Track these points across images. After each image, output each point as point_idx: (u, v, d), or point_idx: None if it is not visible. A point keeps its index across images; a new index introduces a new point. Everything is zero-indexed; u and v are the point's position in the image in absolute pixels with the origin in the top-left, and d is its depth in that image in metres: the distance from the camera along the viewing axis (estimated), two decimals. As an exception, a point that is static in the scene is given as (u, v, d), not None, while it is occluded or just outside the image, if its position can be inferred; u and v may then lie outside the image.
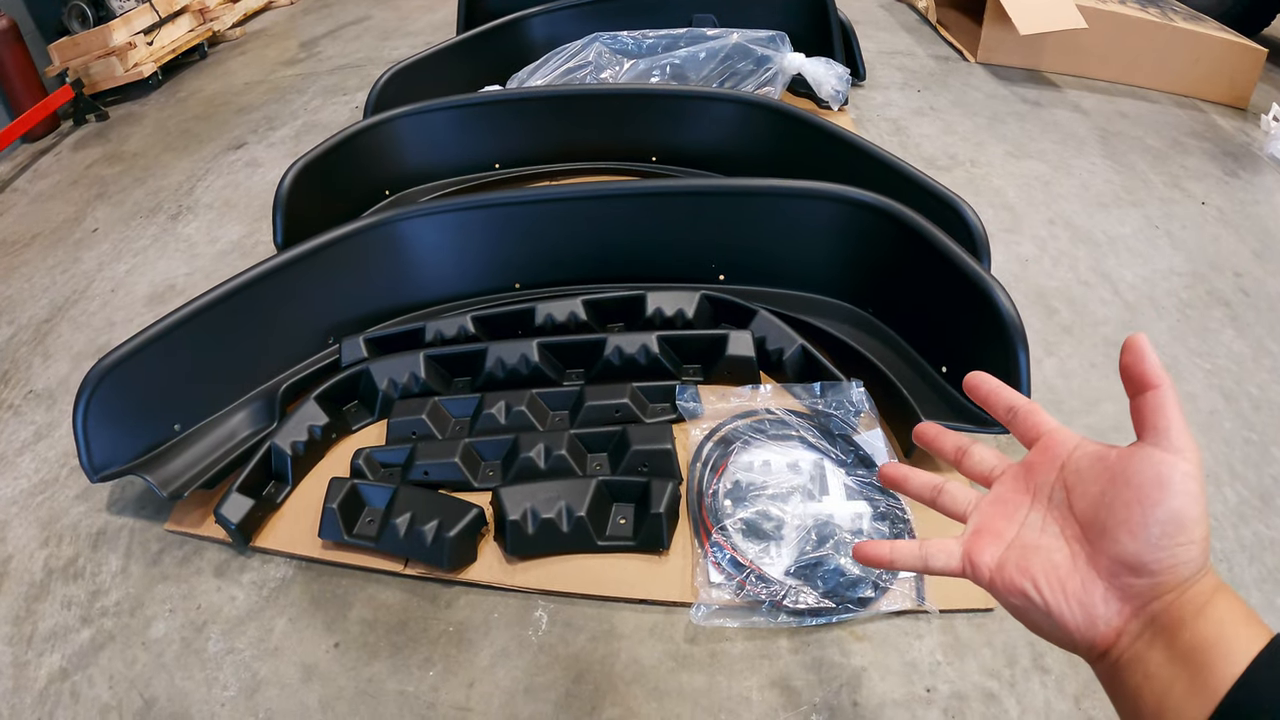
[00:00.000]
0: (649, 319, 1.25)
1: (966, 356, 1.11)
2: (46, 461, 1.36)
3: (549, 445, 1.09)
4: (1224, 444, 1.28)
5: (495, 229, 1.33)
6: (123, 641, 1.06)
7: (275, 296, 1.28)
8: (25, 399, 1.54)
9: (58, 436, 1.42)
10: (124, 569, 1.15)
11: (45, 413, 1.48)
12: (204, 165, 2.33)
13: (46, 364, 1.62)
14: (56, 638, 1.07)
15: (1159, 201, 1.95)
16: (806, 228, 1.25)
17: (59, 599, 1.13)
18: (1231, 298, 1.64)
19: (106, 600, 1.11)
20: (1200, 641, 0.40)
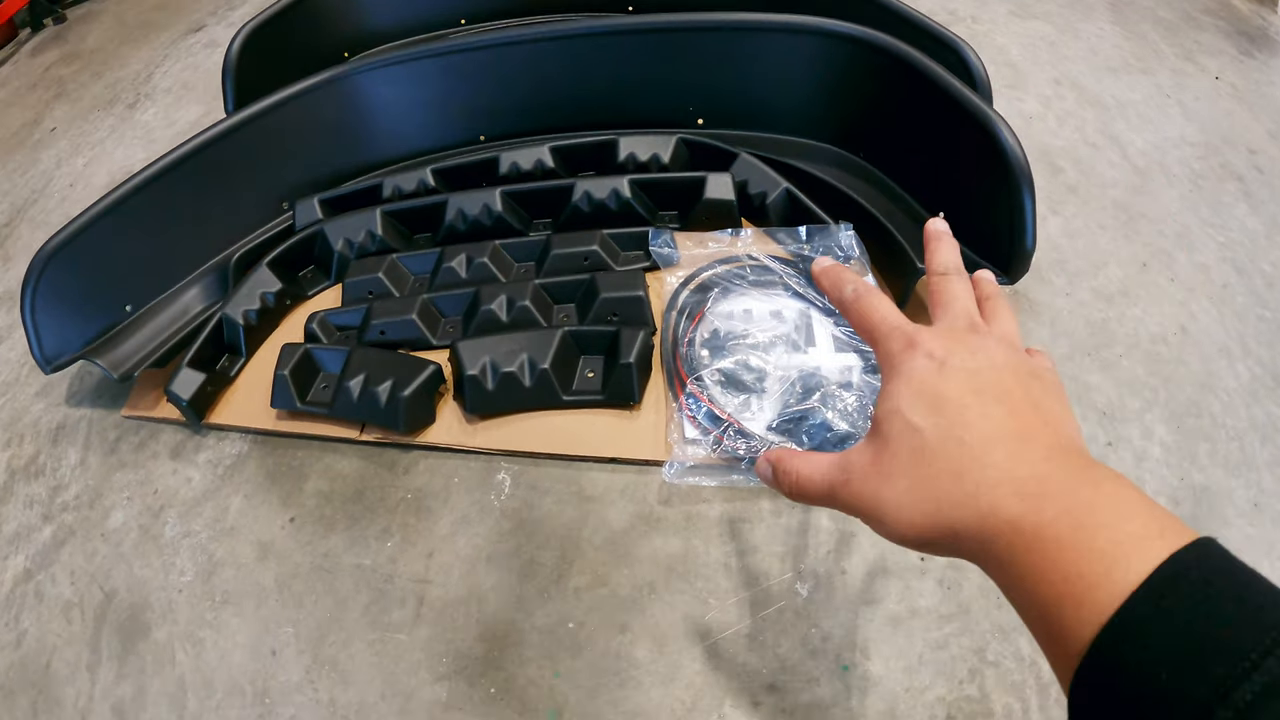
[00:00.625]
0: (621, 164, 1.12)
1: (965, 200, 0.98)
2: (7, 363, 1.27)
3: (512, 296, 0.98)
4: (1237, 319, 1.16)
5: (456, 77, 1.18)
6: (83, 535, 1.00)
7: (225, 163, 1.15)
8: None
9: (18, 337, 1.32)
10: (82, 461, 1.09)
11: (6, 315, 1.39)
12: (162, 52, 2.15)
13: (6, 267, 1.52)
14: (20, 539, 1.02)
15: (1170, 72, 1.77)
16: (791, 65, 1.10)
17: (21, 499, 1.06)
18: (1245, 173, 1.49)
19: (66, 495, 1.05)
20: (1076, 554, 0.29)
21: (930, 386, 0.35)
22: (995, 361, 0.36)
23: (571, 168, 1.16)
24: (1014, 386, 0.35)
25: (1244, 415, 1.02)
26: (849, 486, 0.37)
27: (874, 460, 0.36)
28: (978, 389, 0.35)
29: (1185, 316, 1.15)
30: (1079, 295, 1.16)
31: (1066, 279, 1.18)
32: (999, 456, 0.32)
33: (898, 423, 0.35)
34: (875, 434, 0.37)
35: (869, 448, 0.37)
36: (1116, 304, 1.15)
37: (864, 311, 0.41)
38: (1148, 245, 1.27)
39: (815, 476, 0.39)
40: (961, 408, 0.34)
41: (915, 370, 0.36)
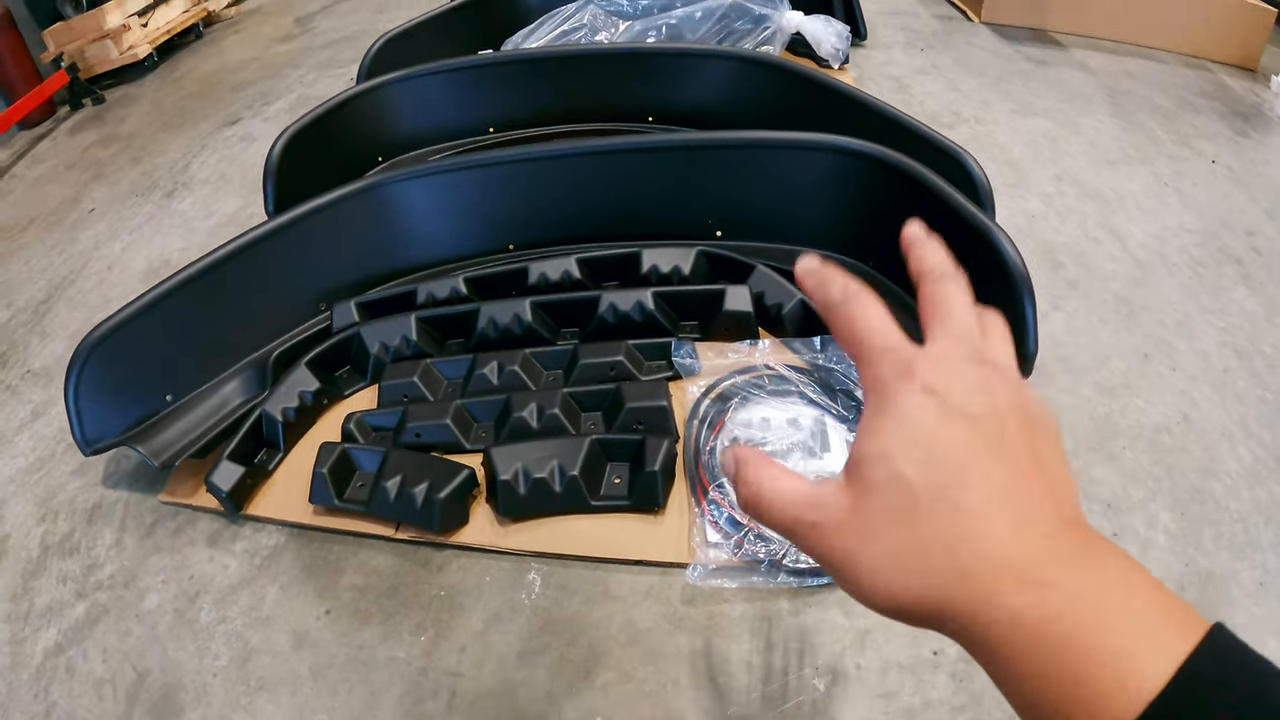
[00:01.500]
0: (644, 276, 1.21)
1: None
2: (44, 439, 1.34)
3: (542, 404, 1.05)
4: (1238, 402, 1.23)
5: (487, 189, 1.28)
6: (117, 614, 1.04)
7: (265, 263, 1.24)
8: (23, 379, 1.52)
9: (54, 414, 1.39)
10: (118, 542, 1.14)
11: (42, 390, 1.46)
12: (199, 142, 2.29)
13: (44, 343, 1.60)
14: (52, 613, 1.06)
15: (1168, 159, 1.88)
16: (804, 180, 1.20)
17: (55, 574, 1.11)
18: (1243, 256, 1.57)
19: (101, 574, 1.10)
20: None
21: (927, 432, 0.31)
22: (1000, 405, 0.32)
23: (597, 278, 1.25)
24: (1017, 437, 0.31)
25: (1247, 497, 1.08)
26: (819, 532, 0.32)
27: (853, 508, 0.32)
28: (980, 440, 0.31)
29: (1187, 404, 1.22)
30: (1083, 390, 1.23)
31: (1071, 375, 1.25)
32: (999, 529, 0.29)
33: (884, 469, 0.31)
34: (855, 476, 0.32)
35: (846, 491, 0.32)
36: (1119, 396, 1.22)
37: (853, 320, 0.36)
38: (1149, 336, 1.35)
39: (779, 502, 0.34)
40: (960, 464, 0.30)
41: (910, 408, 0.31)
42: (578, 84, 1.66)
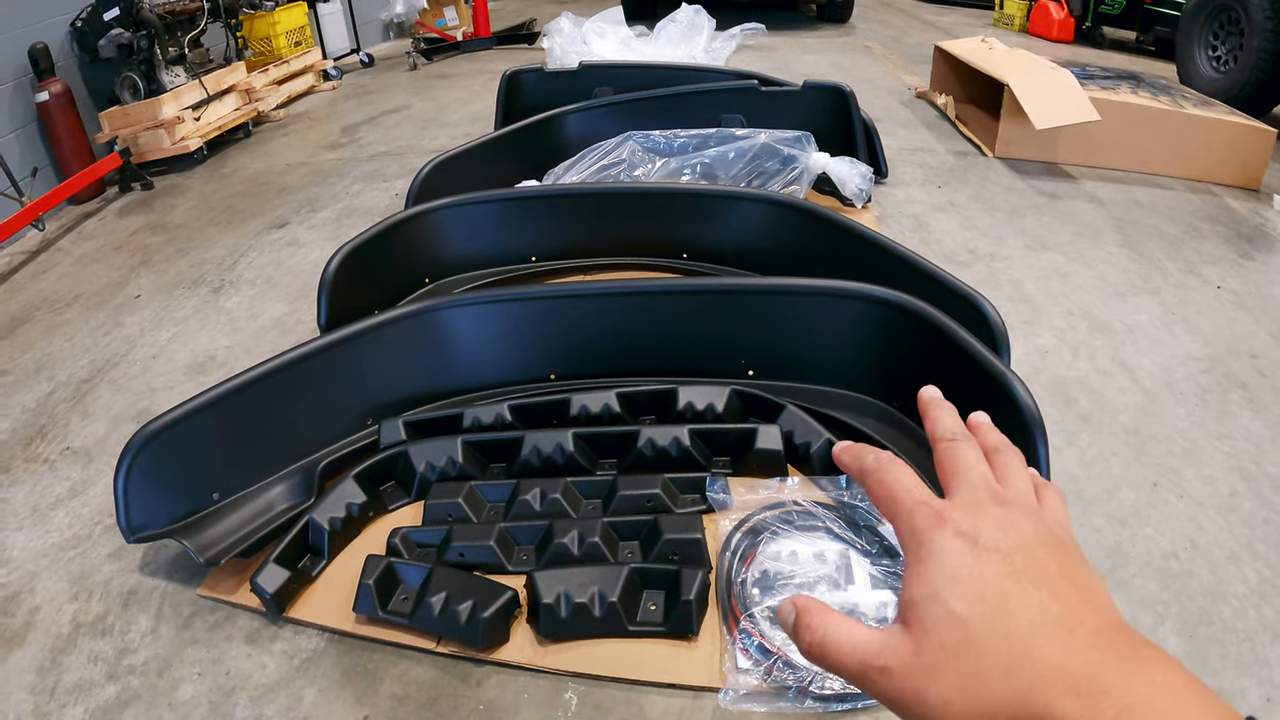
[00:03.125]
0: (680, 412, 1.34)
1: None
2: (80, 518, 1.43)
3: (582, 532, 1.16)
4: (1244, 524, 1.33)
5: (533, 321, 1.44)
6: (148, 701, 1.09)
7: (317, 376, 1.37)
8: (61, 455, 1.62)
9: (93, 495, 1.49)
10: (154, 629, 1.20)
11: (81, 470, 1.56)
12: (247, 242, 2.47)
13: (85, 423, 1.71)
14: (81, 691, 1.11)
15: (1175, 288, 2.04)
16: (832, 325, 1.35)
17: (86, 653, 1.17)
18: (1248, 380, 1.70)
19: (134, 659, 1.15)
20: None
21: (966, 571, 0.35)
22: (1026, 537, 0.36)
23: (635, 411, 1.38)
24: (1049, 562, 0.35)
25: (1254, 616, 1.16)
26: (888, 677, 0.36)
27: (915, 651, 0.35)
28: (1015, 571, 0.34)
29: (1194, 530, 1.32)
30: (1094, 521, 1.32)
31: (1082, 507, 1.35)
32: (1048, 648, 0.32)
33: (937, 609, 0.35)
34: (911, 619, 0.36)
35: (907, 636, 0.36)
36: (1129, 526, 1.32)
37: (886, 482, 0.41)
38: (1158, 465, 1.46)
39: (845, 649, 0.37)
40: (1003, 595, 0.34)
41: (948, 552, 0.36)
42: (617, 220, 1.85)
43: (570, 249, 1.88)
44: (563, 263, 1.88)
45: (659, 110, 2.41)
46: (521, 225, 1.86)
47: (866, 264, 1.56)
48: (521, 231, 1.86)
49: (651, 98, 2.41)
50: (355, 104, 4.00)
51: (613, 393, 1.36)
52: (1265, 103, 3.22)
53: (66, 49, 3.19)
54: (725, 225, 1.81)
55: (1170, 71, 3.74)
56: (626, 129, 2.31)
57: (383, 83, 4.40)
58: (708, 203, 1.79)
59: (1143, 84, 2.97)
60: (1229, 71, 3.29)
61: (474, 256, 1.85)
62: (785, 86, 2.35)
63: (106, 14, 3.16)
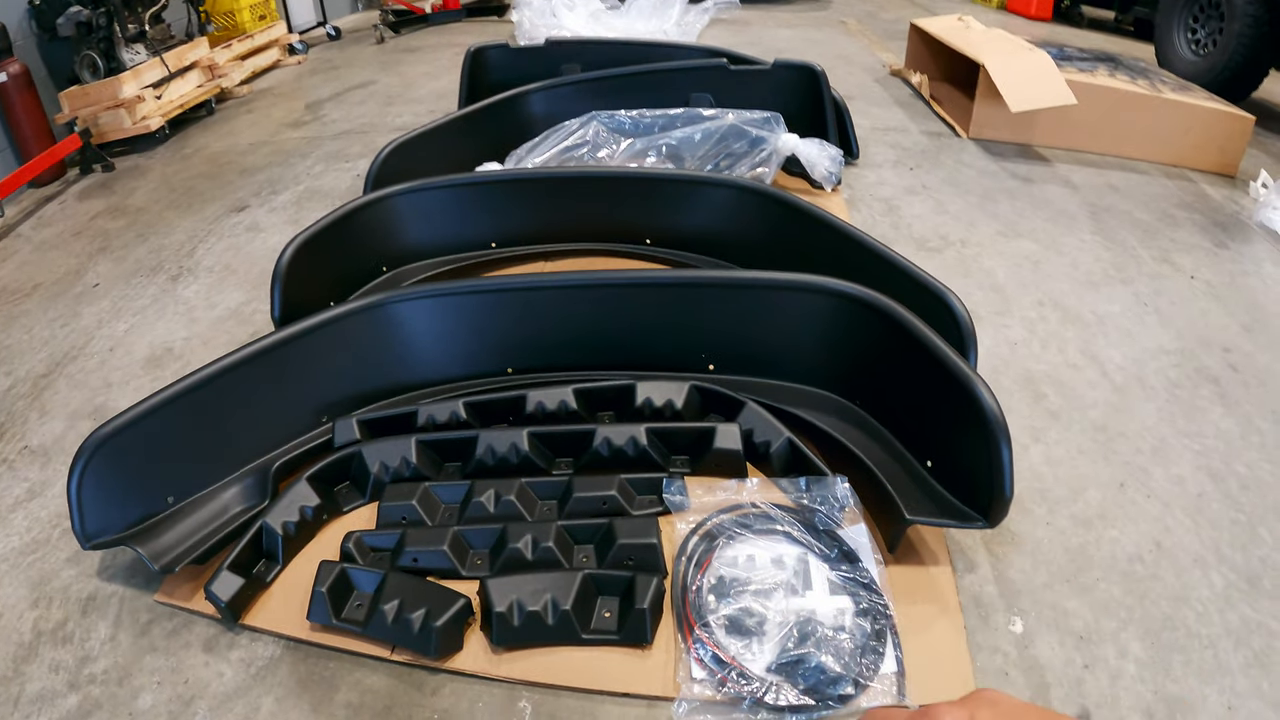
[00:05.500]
0: (639, 409, 1.31)
1: (950, 451, 1.17)
2: (39, 521, 1.41)
3: (536, 536, 1.14)
4: (1211, 526, 1.32)
5: (488, 314, 1.40)
6: (109, 710, 1.08)
7: (269, 374, 1.33)
8: (20, 454, 1.58)
9: (50, 496, 1.46)
10: (113, 637, 1.19)
11: (39, 470, 1.53)
12: (206, 226, 2.40)
13: (42, 420, 1.66)
14: (43, 701, 1.10)
15: (1148, 278, 2.02)
16: (794, 320, 1.32)
17: (47, 662, 1.16)
18: (1220, 374, 1.69)
19: (94, 667, 1.14)
20: None
21: None
22: None
23: (592, 408, 1.35)
24: None
25: (1218, 622, 1.16)
26: None
27: None
28: None
29: (1160, 531, 1.31)
30: (1059, 523, 1.31)
31: (1047, 508, 1.34)
32: None
33: None
34: None
35: None
36: (1094, 528, 1.31)
37: None
38: (1126, 464, 1.44)
39: None
40: None
41: None
42: (579, 205, 1.80)
43: (531, 235, 1.84)
44: (523, 249, 1.84)
45: (626, 89, 2.35)
46: (480, 211, 1.81)
47: (833, 253, 1.52)
48: (480, 217, 1.82)
49: (618, 76, 2.35)
50: (321, 79, 3.88)
51: (570, 389, 1.33)
52: (1243, 88, 3.20)
53: (25, 28, 3.07)
54: (689, 210, 1.77)
55: (1149, 53, 3.71)
56: (592, 108, 2.25)
57: (349, 57, 4.29)
58: (671, 187, 1.75)
59: (1121, 66, 2.94)
60: (1208, 55, 3.26)
61: (432, 243, 1.80)
62: (755, 65, 2.29)
63: (64, -10, 3.04)
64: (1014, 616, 1.14)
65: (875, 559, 1.12)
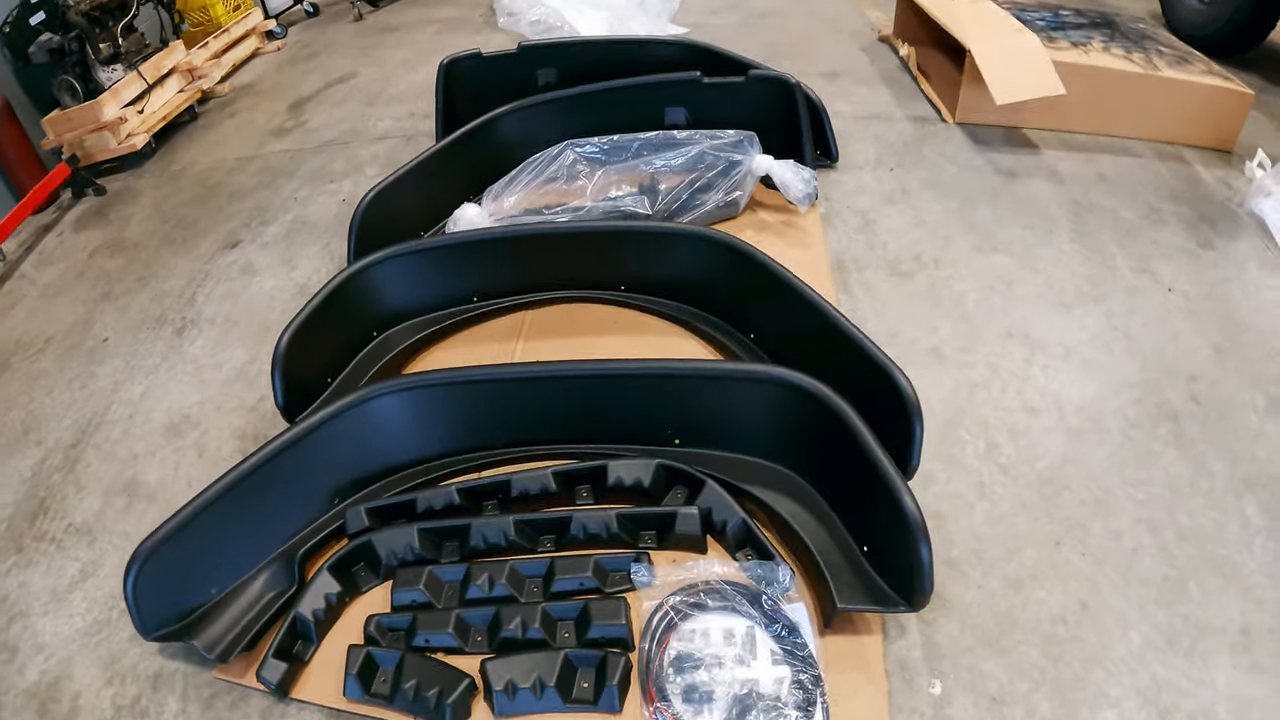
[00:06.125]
0: (611, 486, 1.57)
1: (880, 541, 1.40)
2: (96, 602, 1.68)
3: (525, 619, 1.42)
4: (1141, 583, 1.49)
5: (471, 401, 1.64)
6: None
7: (283, 471, 1.59)
8: (66, 532, 1.85)
9: (102, 576, 1.73)
10: (183, 710, 1.46)
11: (87, 549, 1.80)
12: (202, 267, 2.61)
13: (80, 496, 1.93)
14: None
15: (1123, 293, 2.13)
16: (749, 404, 1.55)
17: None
18: (1181, 408, 1.81)
19: None
20: None
21: None
22: None
23: (571, 484, 1.60)
24: None
25: (1128, 682, 1.34)
26: None
27: None
28: None
29: (1089, 591, 1.47)
30: (990, 585, 1.50)
31: (982, 570, 1.52)
32: None
33: None
34: None
35: None
36: (1024, 589, 1.48)
37: None
38: (1066, 519, 1.59)
39: None
40: None
41: None
42: (554, 258, 2.01)
43: (510, 287, 2.05)
44: (504, 301, 2.06)
45: (600, 105, 2.49)
46: (460, 270, 2.03)
47: (794, 312, 1.73)
48: (461, 275, 2.03)
49: (591, 93, 2.47)
50: (300, 70, 4.00)
51: (549, 472, 1.58)
52: (1246, 41, 3.19)
53: (-2, 56, 3.20)
54: (658, 260, 1.97)
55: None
56: (566, 125, 2.42)
57: (328, 39, 4.38)
58: (639, 240, 1.94)
59: (1117, 35, 2.95)
60: (1213, 4, 3.23)
61: (417, 304, 2.02)
62: (728, 79, 2.39)
63: (33, 19, 3.17)
64: (935, 679, 1.37)
65: (813, 631, 1.37)
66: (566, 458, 1.67)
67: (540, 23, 3.62)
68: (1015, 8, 3.18)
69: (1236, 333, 2.02)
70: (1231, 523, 1.59)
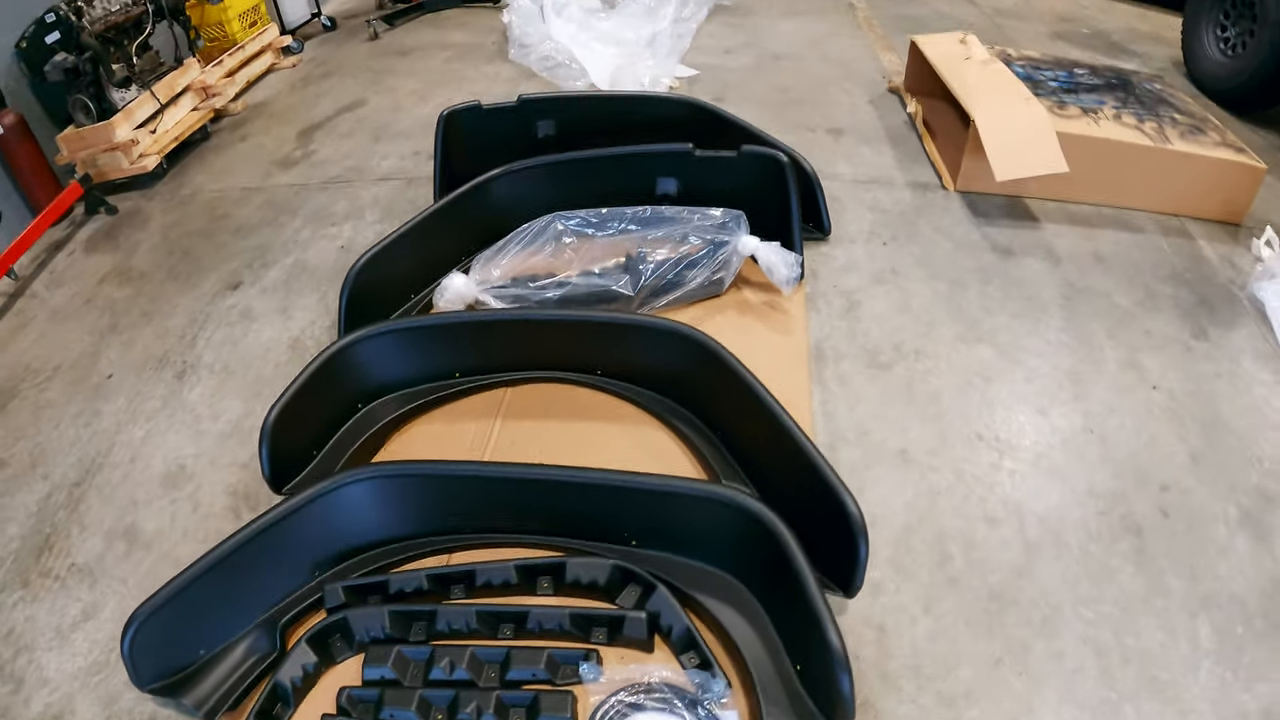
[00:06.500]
0: (569, 582, 1.72)
1: (810, 666, 1.52)
2: (97, 644, 1.85)
3: (480, 704, 1.58)
4: (1076, 706, 1.56)
5: (440, 493, 1.80)
6: None
7: (268, 545, 1.75)
8: (69, 572, 2.02)
9: (102, 619, 1.90)
10: None
11: (89, 591, 1.97)
12: (203, 309, 2.77)
13: (83, 536, 2.10)
14: None
15: (1106, 390, 2.19)
16: (699, 516, 1.69)
17: None
18: (1146, 521, 1.86)
19: None
20: None
21: None
22: None
23: (533, 575, 1.75)
24: None
25: None
26: None
27: None
28: None
29: (1022, 711, 1.54)
30: (923, 700, 1.59)
31: (916, 685, 1.61)
32: None
33: None
34: None
35: None
36: (957, 706, 1.57)
37: None
38: (1009, 638, 1.66)
39: None
40: None
41: None
42: (534, 342, 2.15)
43: (491, 365, 2.20)
44: (485, 378, 2.20)
45: (592, 171, 2.62)
46: (443, 348, 2.17)
47: (754, 419, 1.84)
48: (444, 353, 2.18)
49: (584, 160, 2.58)
50: (312, 93, 4.17)
51: (512, 565, 1.74)
52: (1270, 97, 3.20)
53: (15, 69, 3.35)
54: (632, 350, 2.10)
55: (1176, 25, 3.74)
56: (558, 190, 2.55)
57: (341, 59, 4.54)
58: (615, 330, 2.08)
59: (1131, 98, 2.98)
60: (1236, 58, 3.27)
61: (401, 378, 2.18)
62: (720, 154, 2.48)
63: (48, 38, 3.31)
64: (860, 793, 1.47)
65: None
66: (532, 547, 1.82)
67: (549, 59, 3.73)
68: (1030, 64, 3.22)
69: (1218, 436, 2.07)
70: (1181, 644, 1.65)
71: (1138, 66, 4.01)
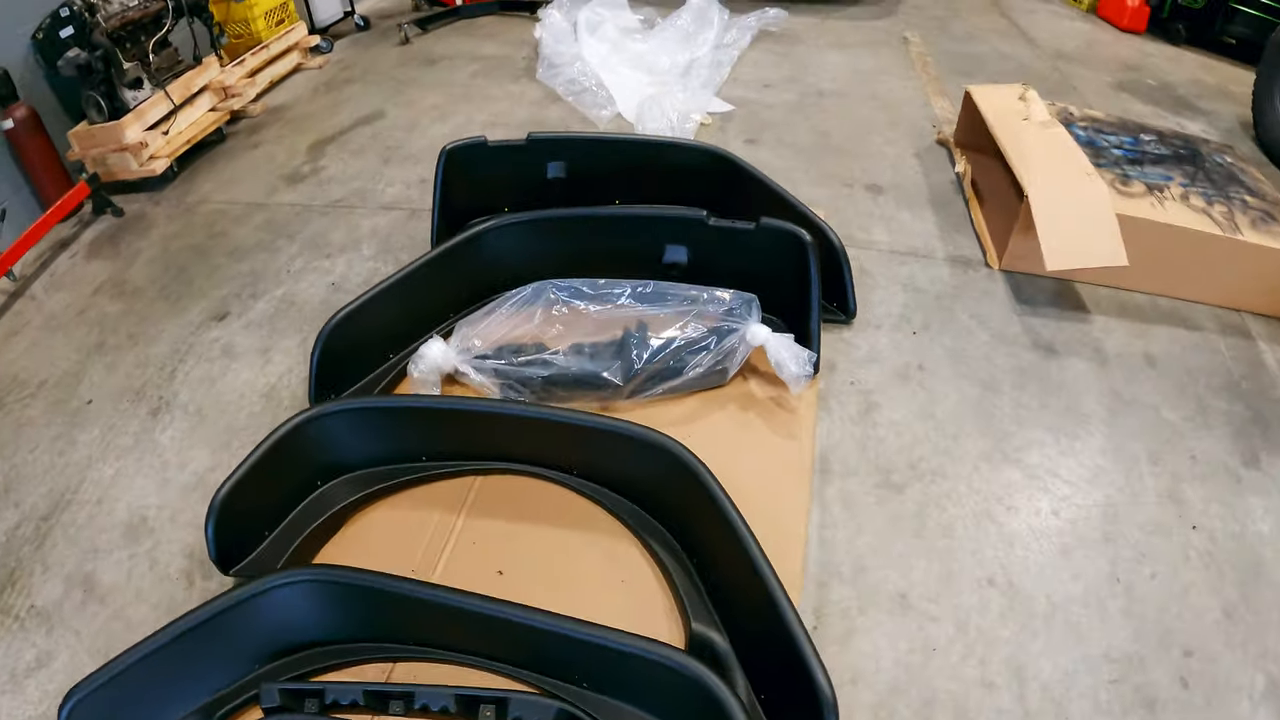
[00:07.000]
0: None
1: None
2: (48, 694, 1.83)
3: None
4: None
5: (378, 606, 1.74)
6: None
7: (206, 636, 1.71)
8: (29, 613, 2.01)
9: (54, 669, 1.89)
10: None
11: (44, 638, 1.95)
12: (187, 339, 2.77)
13: (45, 579, 2.09)
14: None
15: (1139, 530, 1.99)
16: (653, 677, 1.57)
17: None
18: (1163, 693, 1.69)
19: None
20: None
21: None
22: None
23: (472, 706, 1.65)
24: None
25: None
26: None
27: None
28: None
29: None
30: None
31: None
32: None
33: None
34: None
35: None
36: None
37: None
38: None
39: None
40: None
41: None
42: (506, 434, 2.05)
43: (461, 453, 2.10)
44: (453, 464, 2.11)
45: (595, 231, 2.51)
46: (411, 430, 2.10)
47: (731, 552, 1.72)
48: (411, 435, 2.10)
49: (587, 218, 2.47)
50: (333, 100, 4.15)
51: (452, 694, 1.66)
52: None
53: (30, 62, 3.34)
54: (608, 455, 1.99)
55: (1243, 79, 3.59)
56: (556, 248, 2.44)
57: (367, 64, 4.51)
58: (590, 433, 1.96)
59: (1200, 174, 2.75)
60: (1310, 121, 3.00)
61: (364, 458, 2.10)
62: (737, 224, 2.31)
63: (62, 32, 3.29)
64: None
65: None
66: (480, 669, 1.74)
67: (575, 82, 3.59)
68: (1093, 127, 2.98)
69: (1257, 589, 1.89)
70: None
71: (1205, 126, 3.84)
